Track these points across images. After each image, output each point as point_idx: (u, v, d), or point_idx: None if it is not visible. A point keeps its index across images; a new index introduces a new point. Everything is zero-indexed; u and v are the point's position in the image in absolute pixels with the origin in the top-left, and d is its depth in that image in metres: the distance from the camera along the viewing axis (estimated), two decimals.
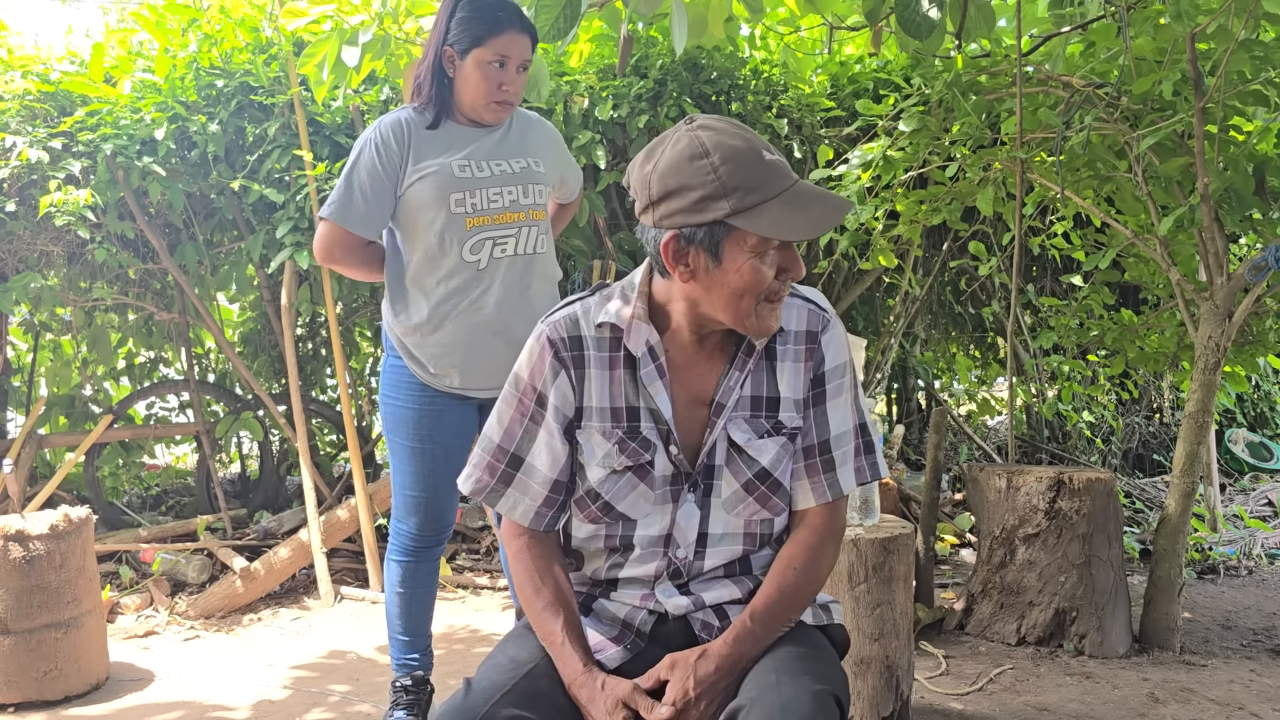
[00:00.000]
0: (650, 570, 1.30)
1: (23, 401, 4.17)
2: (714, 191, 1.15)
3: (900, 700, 2.22)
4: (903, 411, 5.39)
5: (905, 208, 3.26)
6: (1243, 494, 4.84)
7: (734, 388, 1.28)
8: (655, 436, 1.28)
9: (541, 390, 1.30)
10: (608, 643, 1.28)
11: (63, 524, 2.55)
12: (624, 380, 1.29)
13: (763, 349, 1.30)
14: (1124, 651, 2.74)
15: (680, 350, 1.29)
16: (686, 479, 1.29)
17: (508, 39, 1.99)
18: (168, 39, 3.65)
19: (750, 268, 1.18)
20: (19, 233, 3.48)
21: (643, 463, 1.28)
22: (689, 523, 1.29)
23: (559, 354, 1.29)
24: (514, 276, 2.06)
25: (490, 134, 2.09)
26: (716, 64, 3.79)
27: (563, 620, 1.25)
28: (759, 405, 1.29)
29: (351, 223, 2.02)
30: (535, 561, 1.32)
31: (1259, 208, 2.73)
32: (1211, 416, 2.82)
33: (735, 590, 1.30)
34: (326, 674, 2.74)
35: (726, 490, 1.29)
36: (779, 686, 1.14)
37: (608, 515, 1.30)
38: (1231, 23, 2.38)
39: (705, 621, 1.28)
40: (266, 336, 4.24)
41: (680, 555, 1.30)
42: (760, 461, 1.28)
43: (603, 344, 1.29)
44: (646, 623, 1.30)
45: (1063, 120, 2.79)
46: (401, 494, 2.15)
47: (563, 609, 1.27)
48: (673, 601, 1.29)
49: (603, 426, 1.28)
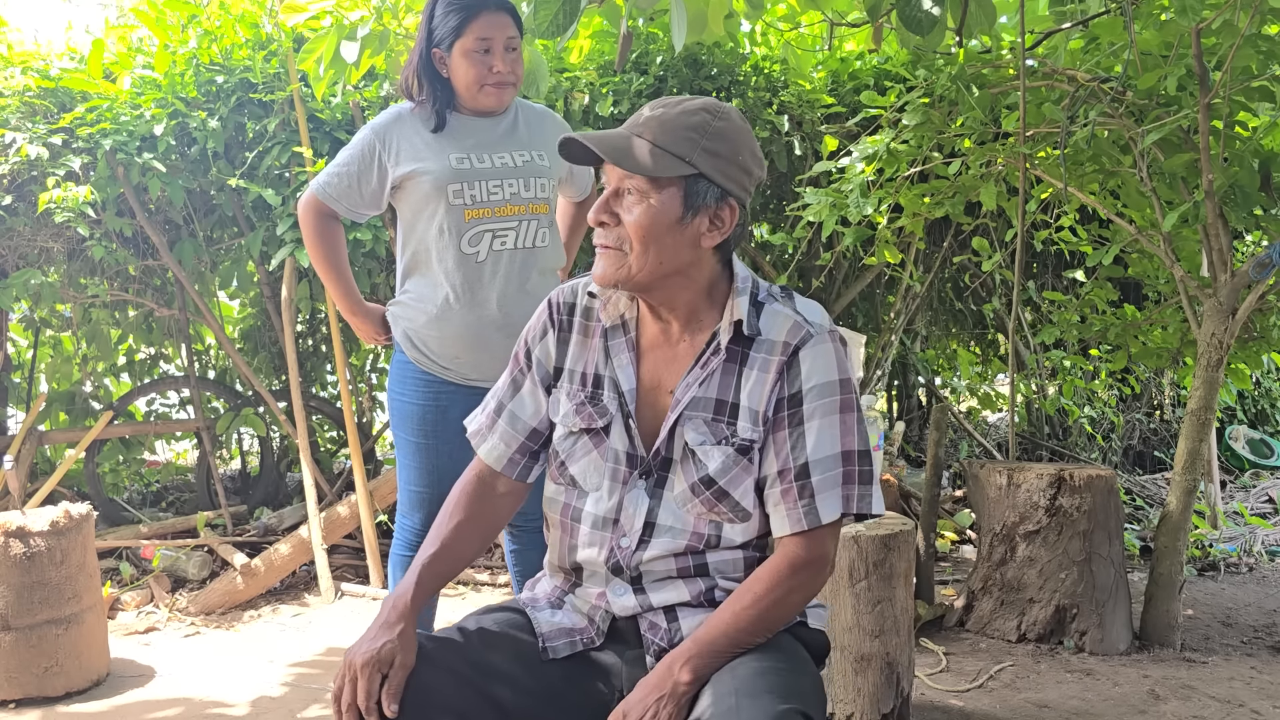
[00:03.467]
0: (598, 557, 1.30)
1: (23, 398, 4.17)
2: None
3: (900, 697, 2.22)
4: (903, 408, 5.38)
5: (908, 201, 3.25)
6: (1243, 491, 4.84)
7: (693, 384, 1.27)
8: (614, 407, 1.31)
9: (530, 345, 1.39)
10: (569, 631, 1.31)
11: (63, 520, 2.54)
12: (598, 349, 1.34)
13: (732, 349, 1.26)
14: (1124, 648, 2.74)
15: (648, 332, 1.33)
16: (640, 463, 1.29)
17: (485, 21, 1.99)
18: (167, 35, 3.64)
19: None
20: (19, 229, 3.48)
21: (596, 428, 1.31)
22: (636, 509, 1.28)
23: (553, 315, 1.38)
24: (514, 270, 2.05)
25: (494, 126, 2.08)
26: (717, 60, 3.78)
27: (431, 554, 1.33)
28: (721, 410, 1.26)
29: (326, 194, 2.09)
30: (467, 496, 1.38)
31: (1264, 204, 2.72)
32: (1214, 414, 2.81)
33: (685, 592, 1.27)
34: (327, 671, 2.74)
35: (678, 486, 1.28)
36: (738, 710, 1.08)
37: (562, 477, 1.35)
38: (1237, 17, 2.36)
39: (653, 622, 1.28)
40: (267, 333, 4.24)
41: (624, 544, 1.28)
42: (707, 467, 1.25)
43: (590, 312, 1.36)
44: (605, 619, 1.32)
45: (1067, 115, 2.78)
46: (407, 490, 2.15)
47: (438, 548, 1.33)
48: (620, 602, 1.29)
49: (570, 389, 1.35)
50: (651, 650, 1.27)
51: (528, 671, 1.26)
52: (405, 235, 2.10)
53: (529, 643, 1.30)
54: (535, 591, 1.41)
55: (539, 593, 1.40)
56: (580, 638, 1.31)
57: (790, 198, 3.83)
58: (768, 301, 1.28)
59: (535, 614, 1.34)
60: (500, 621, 1.31)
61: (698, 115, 1.22)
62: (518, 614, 1.34)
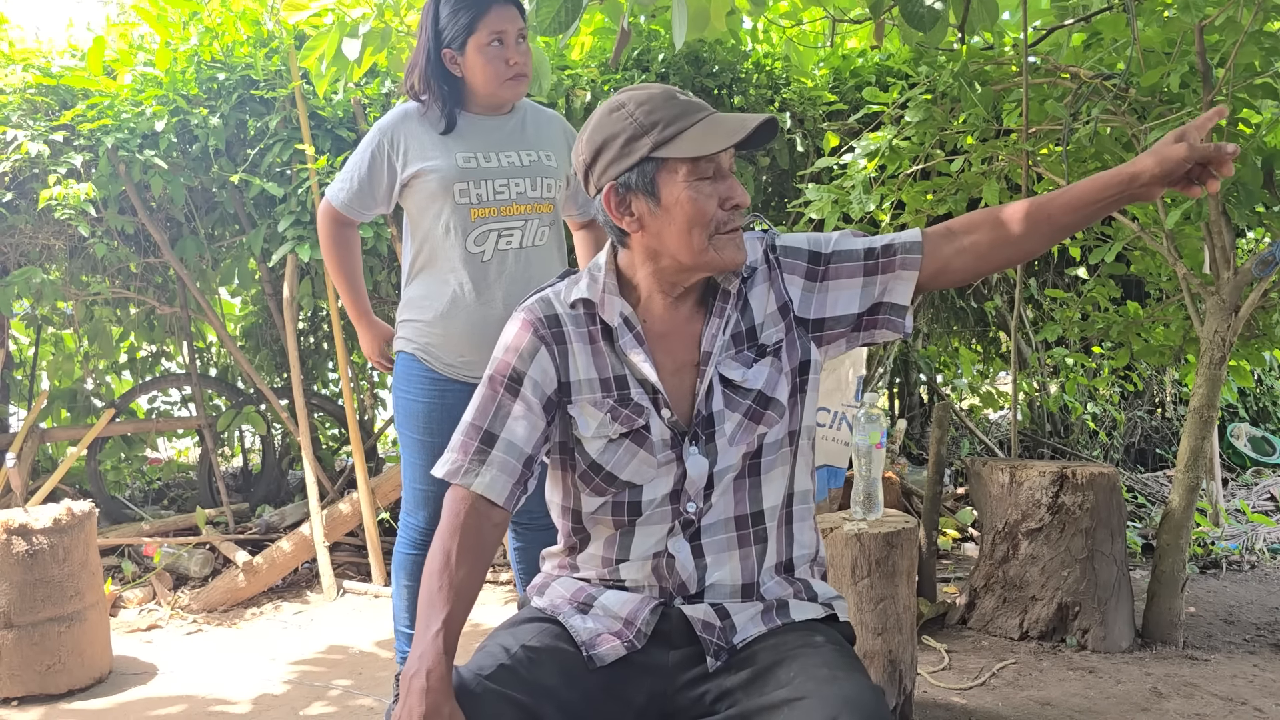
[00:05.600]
0: (663, 530, 1.29)
1: (25, 396, 4.17)
2: (635, 132, 1.22)
3: (903, 695, 2.22)
4: (905, 406, 5.38)
5: (910, 198, 3.25)
6: (1245, 489, 4.83)
7: (716, 334, 1.30)
8: (646, 401, 1.29)
9: (518, 367, 1.30)
10: (608, 636, 1.26)
11: (65, 518, 2.55)
12: (606, 352, 1.31)
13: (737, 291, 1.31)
14: (1126, 646, 2.74)
15: (658, 319, 1.31)
16: (685, 436, 1.29)
17: (496, 14, 1.99)
18: (168, 32, 3.64)
19: (688, 197, 1.22)
20: (20, 226, 3.48)
21: (637, 428, 1.28)
22: (698, 473, 1.28)
23: (538, 332, 1.31)
24: (519, 269, 2.06)
25: (502, 126, 2.08)
26: (718, 57, 3.77)
27: (448, 613, 1.19)
28: (740, 340, 1.31)
29: (341, 201, 2.11)
30: (466, 536, 1.25)
31: (1267, 201, 2.72)
32: (1216, 412, 2.81)
33: (738, 567, 1.28)
34: (329, 668, 2.74)
35: (730, 427, 1.28)
36: (835, 680, 1.11)
37: (613, 486, 1.29)
38: (1241, 14, 2.36)
39: (707, 622, 1.26)
40: (268, 330, 4.24)
41: (691, 508, 1.29)
42: (756, 387, 1.29)
43: (579, 320, 1.32)
44: (649, 622, 1.27)
45: (1070, 112, 2.77)
46: (412, 487, 2.15)
47: (454, 603, 1.20)
48: (682, 558, 1.27)
49: (593, 398, 1.29)
50: (711, 650, 1.24)
51: (571, 684, 1.22)
52: (412, 233, 2.11)
53: (571, 653, 1.24)
54: (552, 598, 1.35)
55: (556, 598, 1.34)
56: (622, 641, 1.26)
57: (792, 194, 3.83)
58: None
59: (569, 621, 1.28)
60: (538, 634, 1.26)
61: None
62: (552, 624, 1.28)
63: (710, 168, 1.23)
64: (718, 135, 1.21)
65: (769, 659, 1.20)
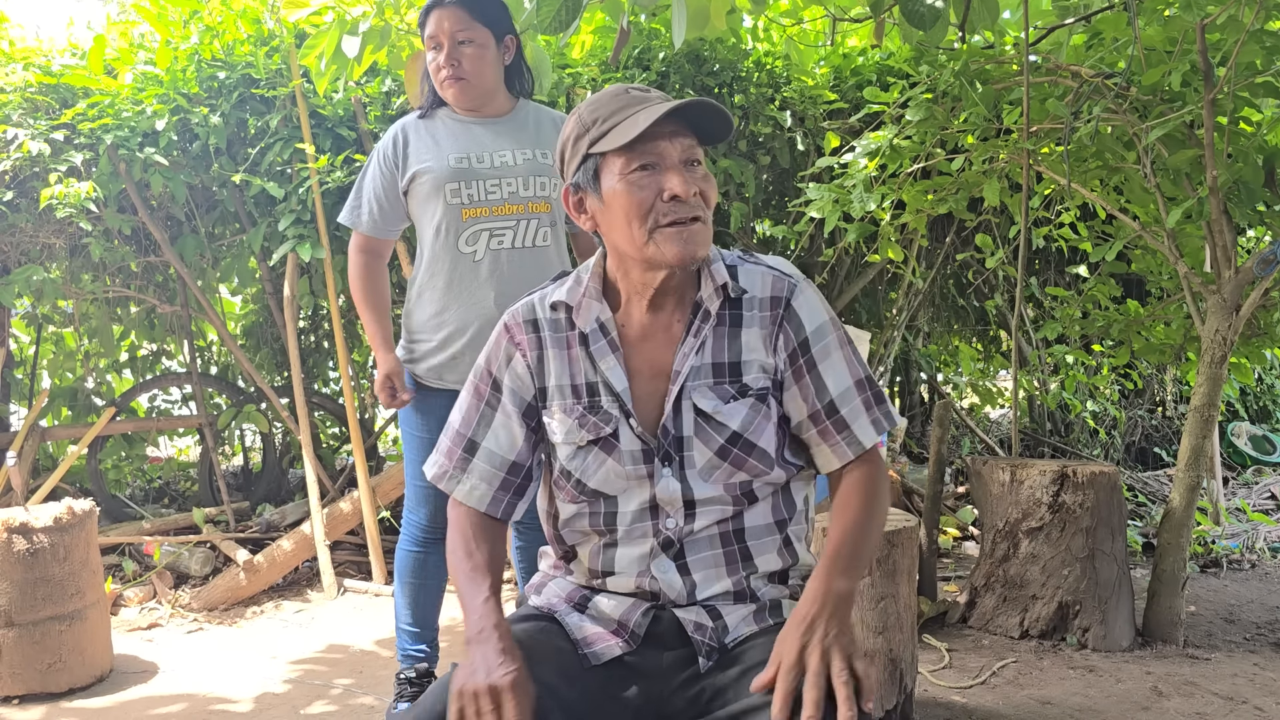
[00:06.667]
0: (645, 548, 1.28)
1: (25, 394, 4.17)
2: (579, 132, 1.25)
3: (904, 693, 2.22)
4: (905, 405, 5.38)
5: (911, 197, 3.25)
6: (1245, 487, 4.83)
7: (689, 354, 1.27)
8: (615, 410, 1.28)
9: (496, 375, 1.33)
10: (604, 635, 1.26)
11: (66, 517, 2.55)
12: (581, 358, 1.30)
13: (721, 313, 1.28)
14: (1127, 645, 2.74)
15: (637, 324, 1.30)
16: (656, 453, 1.27)
17: (433, 19, 2.03)
18: (169, 31, 3.64)
19: (623, 189, 1.21)
20: (21, 225, 3.48)
21: (604, 436, 1.27)
22: (671, 494, 1.27)
23: (514, 338, 1.32)
24: (513, 270, 2.05)
25: (494, 126, 2.09)
26: (719, 56, 3.77)
27: (490, 583, 1.25)
28: (721, 372, 1.27)
29: (365, 225, 2.14)
30: (474, 528, 1.32)
31: (1268, 200, 2.71)
32: (1217, 410, 2.81)
33: (727, 580, 1.27)
34: (329, 667, 2.75)
35: (700, 460, 1.26)
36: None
37: (583, 494, 1.29)
38: (1242, 13, 2.35)
39: (699, 623, 1.25)
40: (269, 329, 4.24)
41: (670, 525, 1.27)
42: (730, 426, 1.25)
43: (558, 324, 1.31)
44: (641, 625, 1.27)
45: (1071, 111, 2.77)
46: (413, 485, 2.16)
47: (491, 574, 1.27)
48: (666, 579, 1.27)
49: (564, 404, 1.29)
50: (703, 651, 1.24)
51: (570, 682, 1.22)
52: (418, 236, 2.14)
53: (568, 651, 1.25)
54: (549, 597, 1.35)
55: (552, 597, 1.34)
56: (617, 641, 1.26)
57: (793, 194, 3.83)
58: (738, 263, 1.31)
59: (565, 619, 1.29)
60: (536, 631, 1.26)
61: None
62: (548, 621, 1.29)
63: (651, 159, 1.20)
64: (640, 122, 1.19)
65: (759, 656, 1.19)
